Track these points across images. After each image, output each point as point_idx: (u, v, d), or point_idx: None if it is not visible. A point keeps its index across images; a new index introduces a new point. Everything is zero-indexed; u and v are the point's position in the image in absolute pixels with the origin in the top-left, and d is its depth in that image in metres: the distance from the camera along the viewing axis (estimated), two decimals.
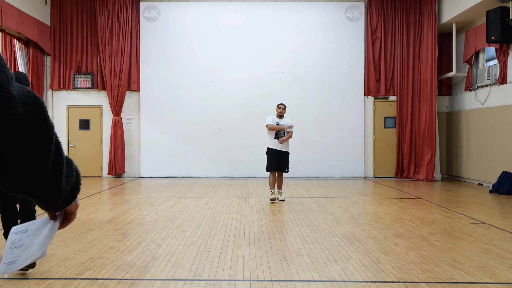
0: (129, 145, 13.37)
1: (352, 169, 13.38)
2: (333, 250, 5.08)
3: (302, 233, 5.93)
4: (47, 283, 3.95)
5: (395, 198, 9.30)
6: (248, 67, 13.34)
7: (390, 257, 4.81)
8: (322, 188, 10.87)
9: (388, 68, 13.34)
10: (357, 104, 13.40)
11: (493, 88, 11.14)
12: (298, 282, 4.03)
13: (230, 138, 13.37)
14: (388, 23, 13.29)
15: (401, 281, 4.05)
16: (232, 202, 8.65)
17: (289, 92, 13.20)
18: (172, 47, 13.30)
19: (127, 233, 5.88)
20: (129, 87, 13.32)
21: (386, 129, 13.52)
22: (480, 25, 11.67)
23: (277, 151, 8.34)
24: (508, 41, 10.03)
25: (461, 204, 8.43)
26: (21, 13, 11.38)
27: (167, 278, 4.13)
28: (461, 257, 4.82)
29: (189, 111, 13.34)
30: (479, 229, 6.23)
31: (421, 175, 12.76)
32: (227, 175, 13.33)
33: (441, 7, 12.71)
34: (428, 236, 5.80)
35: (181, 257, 4.78)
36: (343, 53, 13.38)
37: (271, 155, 8.36)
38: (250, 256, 4.83)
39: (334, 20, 13.40)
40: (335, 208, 7.93)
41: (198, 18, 13.37)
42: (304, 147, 13.16)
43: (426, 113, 12.74)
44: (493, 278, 4.15)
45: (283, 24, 13.39)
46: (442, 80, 13.54)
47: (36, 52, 12.64)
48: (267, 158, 8.46)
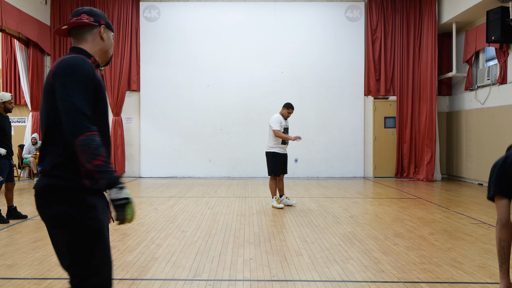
0: (129, 145, 13.37)
1: (352, 169, 13.38)
2: (333, 250, 5.08)
3: (302, 233, 5.93)
4: (47, 283, 3.95)
5: (395, 198, 9.30)
6: (248, 67, 13.34)
7: (390, 257, 4.81)
8: (322, 188, 10.86)
9: (388, 68, 13.34)
10: (357, 104, 13.40)
11: (493, 88, 11.14)
12: (298, 282, 4.03)
13: (230, 138, 13.37)
14: (388, 23, 13.29)
15: (401, 281, 4.05)
16: (232, 202, 8.65)
17: (289, 92, 13.20)
18: (172, 47, 13.30)
19: (127, 233, 5.88)
20: (129, 87, 13.32)
21: (386, 129, 13.52)
22: (480, 25, 11.67)
23: (284, 155, 8.11)
24: (508, 41, 10.03)
25: (461, 204, 8.43)
26: (21, 13, 11.38)
27: (167, 278, 4.13)
28: (461, 257, 4.82)
29: (189, 111, 13.33)
30: (479, 229, 6.23)
31: (421, 175, 12.76)
32: (227, 175, 13.33)
33: (441, 7, 12.71)
34: (428, 236, 5.80)
35: (181, 257, 4.78)
36: (343, 53, 13.38)
37: (280, 159, 8.02)
38: (250, 256, 4.83)
39: (334, 20, 13.40)
40: (335, 208, 7.93)
41: (198, 18, 13.36)
42: (304, 147, 13.15)
43: (426, 113, 12.74)
44: (493, 278, 4.15)
45: (283, 24, 13.39)
46: (442, 80, 13.54)
47: (36, 52, 12.64)
48: (275, 162, 7.99)
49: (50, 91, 2.11)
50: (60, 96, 2.06)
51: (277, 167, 7.98)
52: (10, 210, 6.91)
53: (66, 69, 2.10)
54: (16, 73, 13.04)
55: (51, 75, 2.11)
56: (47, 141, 2.14)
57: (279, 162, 7.99)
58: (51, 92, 2.10)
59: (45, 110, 2.14)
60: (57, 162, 2.09)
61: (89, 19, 2.30)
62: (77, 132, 1.99)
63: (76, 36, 2.32)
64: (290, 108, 8.09)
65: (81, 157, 2.00)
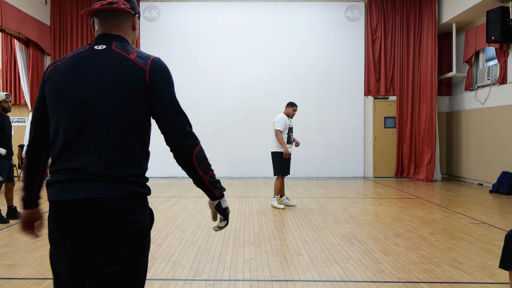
0: None
1: (352, 169, 13.38)
2: (333, 250, 5.08)
3: (302, 233, 5.93)
4: (47, 283, 3.95)
5: (395, 198, 9.30)
6: (248, 67, 13.34)
7: (390, 257, 4.81)
8: (322, 188, 10.87)
9: (388, 68, 13.34)
10: (357, 104, 13.40)
11: (493, 88, 11.14)
12: (298, 282, 4.03)
13: (230, 138, 13.37)
14: (388, 23, 13.29)
15: (401, 281, 4.05)
16: (232, 202, 8.65)
17: (289, 92, 13.19)
18: (172, 47, 13.30)
19: None
20: None
21: (386, 129, 13.52)
22: (480, 25, 11.67)
23: (289, 155, 8.04)
24: (508, 41, 10.03)
25: (461, 204, 8.43)
26: (21, 13, 11.38)
27: (167, 278, 4.13)
28: (461, 257, 4.82)
29: (189, 111, 13.10)
30: (479, 229, 6.23)
31: (421, 175, 12.77)
32: (227, 175, 13.33)
33: (441, 7, 12.71)
34: (428, 236, 5.80)
35: (181, 257, 4.78)
36: (343, 53, 13.38)
37: (287, 159, 7.97)
38: (250, 256, 4.83)
39: (334, 20, 13.41)
40: (335, 208, 7.93)
41: (198, 18, 13.37)
42: (304, 147, 13.15)
43: (426, 113, 12.74)
44: (493, 278, 4.15)
45: (283, 24, 13.39)
46: (442, 80, 13.54)
47: (36, 52, 12.63)
48: (281, 162, 7.92)
49: (138, 91, 1.86)
50: (162, 103, 1.95)
51: (285, 166, 7.96)
52: (10, 210, 6.92)
53: (166, 71, 1.96)
54: (16, 73, 13.03)
55: (147, 75, 1.87)
56: (121, 145, 1.84)
57: (287, 162, 7.98)
58: (140, 92, 1.86)
59: (122, 110, 1.83)
60: (138, 168, 1.93)
61: (126, 5, 1.98)
62: (195, 142, 2.01)
63: (108, 20, 1.99)
64: (294, 106, 8.12)
65: (196, 169, 2.01)
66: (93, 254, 1.74)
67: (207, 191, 2.06)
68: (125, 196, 1.78)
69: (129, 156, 1.86)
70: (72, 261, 1.79)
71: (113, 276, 1.73)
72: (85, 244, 1.74)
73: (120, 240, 1.74)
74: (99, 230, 1.72)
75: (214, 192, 2.06)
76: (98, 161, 1.77)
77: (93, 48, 1.94)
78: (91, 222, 1.72)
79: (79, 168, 1.77)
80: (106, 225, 1.73)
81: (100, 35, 1.99)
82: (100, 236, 1.73)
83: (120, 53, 1.89)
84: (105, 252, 1.73)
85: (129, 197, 1.80)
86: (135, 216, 1.80)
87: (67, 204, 1.75)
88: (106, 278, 1.73)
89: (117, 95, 1.82)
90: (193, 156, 1.98)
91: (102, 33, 1.99)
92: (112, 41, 1.94)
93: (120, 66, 1.85)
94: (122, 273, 1.74)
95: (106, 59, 1.87)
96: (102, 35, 1.98)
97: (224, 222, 2.16)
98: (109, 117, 1.81)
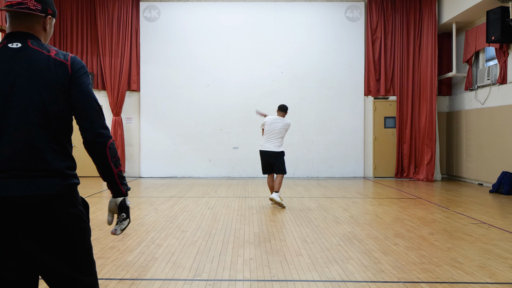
0: (129, 145, 13.37)
1: (352, 169, 13.38)
2: (333, 250, 5.08)
3: (302, 233, 5.93)
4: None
5: (395, 198, 9.30)
6: (248, 67, 13.34)
7: (390, 257, 4.82)
8: (322, 188, 10.87)
9: (388, 68, 13.34)
10: (357, 104, 13.40)
11: (493, 88, 11.14)
12: (298, 282, 4.03)
13: (230, 138, 13.37)
14: (388, 23, 13.29)
15: (401, 281, 4.05)
16: (232, 202, 8.65)
17: (289, 92, 13.19)
18: (172, 47, 13.30)
19: (127, 233, 5.88)
20: (129, 87, 13.32)
21: (386, 129, 13.52)
22: (480, 25, 11.67)
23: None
24: (508, 41, 10.03)
25: (461, 204, 8.43)
26: None
27: (167, 278, 4.13)
28: (461, 257, 4.82)
29: (189, 111, 13.33)
30: (479, 229, 6.23)
31: (421, 175, 12.76)
32: (227, 175, 13.33)
33: (441, 7, 12.71)
34: (428, 236, 5.80)
35: (181, 257, 4.78)
36: (343, 53, 13.38)
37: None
38: (250, 256, 4.84)
39: (334, 20, 13.40)
40: (335, 208, 7.93)
41: (198, 18, 13.36)
42: (304, 147, 13.16)
43: (426, 113, 12.74)
44: (493, 278, 4.15)
45: (283, 24, 13.39)
46: (442, 80, 13.55)
47: None
48: (284, 161, 8.45)
49: (62, 84, 1.96)
50: (84, 93, 2.00)
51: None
52: None
53: (85, 66, 2.04)
54: None
55: (69, 68, 1.98)
56: (55, 139, 1.96)
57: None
58: (63, 85, 1.96)
59: (51, 105, 1.93)
60: (69, 161, 2.02)
61: (37, 6, 2.00)
62: (109, 134, 2.03)
63: (18, 19, 2.02)
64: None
65: (108, 160, 2.02)
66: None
67: (114, 186, 2.08)
68: (67, 189, 1.98)
69: (62, 148, 1.98)
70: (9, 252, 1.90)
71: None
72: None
73: (64, 226, 1.97)
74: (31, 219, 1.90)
75: (121, 187, 2.07)
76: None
77: (7, 46, 1.97)
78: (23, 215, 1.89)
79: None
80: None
81: (11, 33, 2.03)
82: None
83: (39, 51, 1.97)
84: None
85: (68, 190, 1.98)
86: (75, 207, 2.01)
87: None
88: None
89: (41, 90, 1.91)
90: (107, 146, 2.01)
91: (13, 31, 2.02)
92: (26, 38, 2.00)
93: (42, 62, 1.94)
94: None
95: (24, 57, 1.94)
96: (13, 33, 2.02)
97: (126, 222, 2.10)
98: (36, 112, 1.90)
